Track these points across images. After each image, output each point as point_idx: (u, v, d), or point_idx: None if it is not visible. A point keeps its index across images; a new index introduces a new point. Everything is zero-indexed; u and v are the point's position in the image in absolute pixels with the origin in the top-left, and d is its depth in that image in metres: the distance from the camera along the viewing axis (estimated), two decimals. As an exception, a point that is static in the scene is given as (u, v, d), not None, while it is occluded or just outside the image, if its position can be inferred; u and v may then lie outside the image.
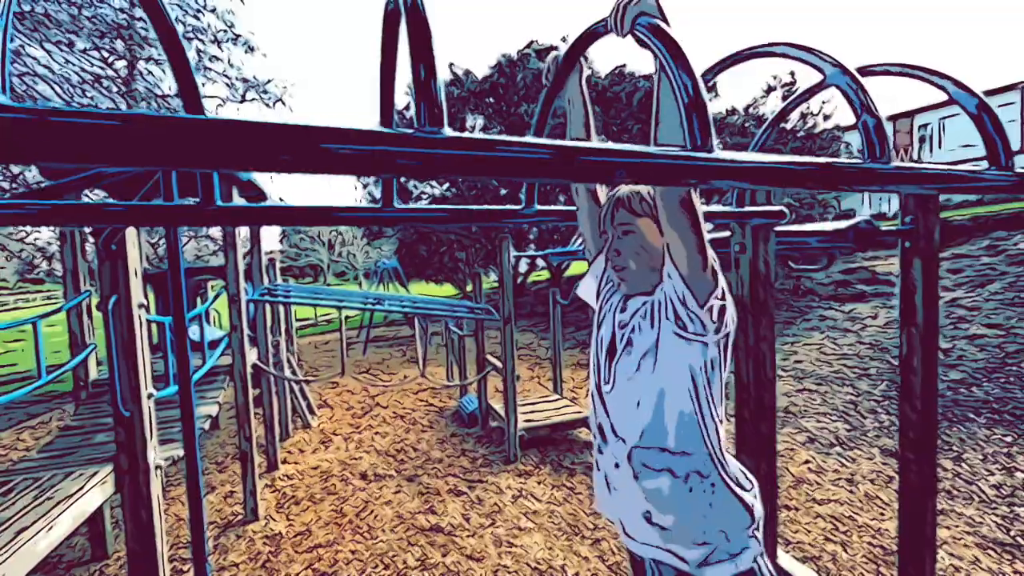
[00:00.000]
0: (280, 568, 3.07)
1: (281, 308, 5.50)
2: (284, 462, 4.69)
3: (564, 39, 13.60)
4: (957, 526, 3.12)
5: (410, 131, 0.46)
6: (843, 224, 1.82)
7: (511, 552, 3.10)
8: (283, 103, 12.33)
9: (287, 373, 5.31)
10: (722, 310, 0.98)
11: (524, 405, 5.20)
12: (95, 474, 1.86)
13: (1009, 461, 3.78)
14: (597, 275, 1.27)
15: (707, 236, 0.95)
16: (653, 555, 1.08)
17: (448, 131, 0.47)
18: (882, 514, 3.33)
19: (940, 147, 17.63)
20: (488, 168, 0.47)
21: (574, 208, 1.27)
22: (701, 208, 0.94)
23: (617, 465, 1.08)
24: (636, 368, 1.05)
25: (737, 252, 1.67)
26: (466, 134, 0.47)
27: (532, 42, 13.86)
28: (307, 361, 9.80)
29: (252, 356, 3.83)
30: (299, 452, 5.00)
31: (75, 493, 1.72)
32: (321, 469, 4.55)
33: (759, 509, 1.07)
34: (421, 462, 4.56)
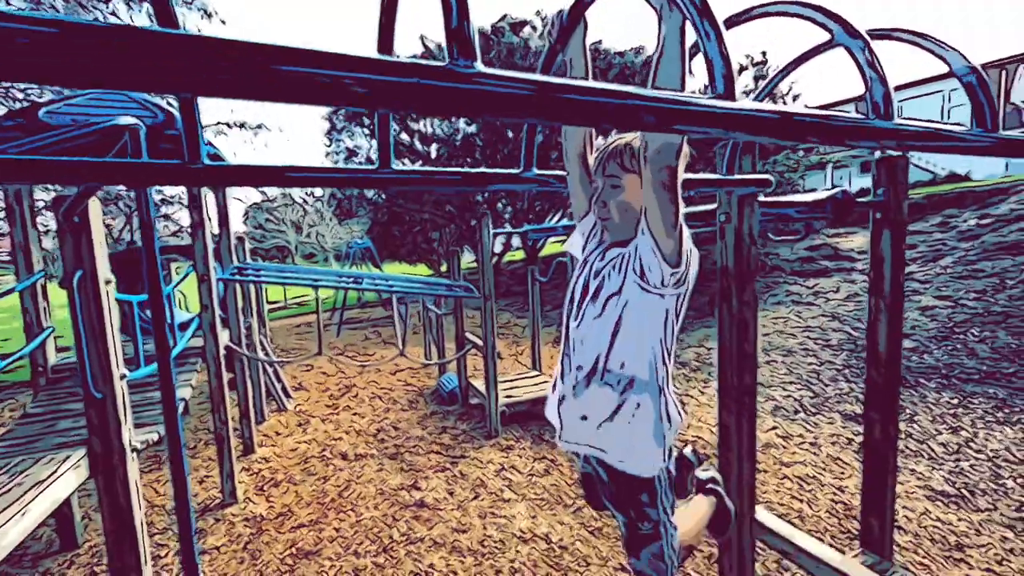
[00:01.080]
0: (263, 549, 3.04)
1: (252, 289, 5.31)
2: (261, 445, 4.60)
3: (539, 13, 13.30)
4: (909, 481, 3.37)
5: (441, 64, 0.44)
6: (822, 195, 1.87)
7: (496, 523, 3.16)
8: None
9: (260, 355, 5.16)
10: (685, 270, 1.11)
11: (504, 382, 5.24)
12: (67, 458, 1.77)
13: (955, 421, 4.08)
14: (584, 232, 1.37)
15: (682, 206, 1.02)
16: (585, 451, 1.31)
17: (480, 66, 0.45)
18: (843, 473, 3.55)
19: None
20: (524, 108, 0.45)
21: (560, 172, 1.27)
22: (682, 176, 1.02)
23: (575, 386, 1.24)
24: (601, 310, 1.19)
25: (723, 221, 1.70)
26: (500, 71, 0.45)
27: (505, 15, 13.49)
28: (279, 344, 9.56)
29: (224, 338, 3.69)
30: (276, 435, 4.91)
31: (47, 478, 1.63)
32: (300, 451, 4.49)
33: (671, 437, 1.27)
34: (402, 440, 4.56)
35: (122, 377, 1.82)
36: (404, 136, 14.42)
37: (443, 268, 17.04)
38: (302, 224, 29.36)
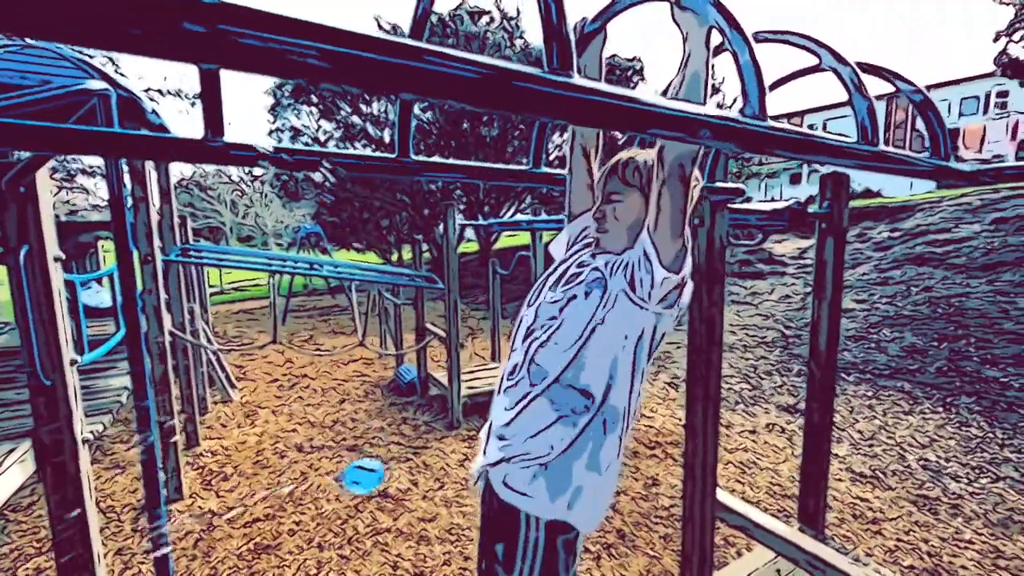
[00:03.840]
0: (216, 546, 2.90)
1: (195, 273, 4.97)
2: (206, 438, 4.34)
3: (498, 4, 13.19)
4: (833, 464, 3.75)
5: (539, 71, 0.47)
6: (780, 205, 2.05)
7: (462, 511, 3.20)
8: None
9: (203, 342, 4.85)
10: (680, 287, 1.01)
11: (464, 373, 5.26)
12: (11, 451, 1.61)
13: (870, 412, 4.59)
14: (572, 235, 1.31)
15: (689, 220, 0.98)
16: (487, 472, 1.16)
17: (578, 78, 0.48)
18: (778, 458, 3.90)
19: (825, 145, 19.93)
20: (616, 119, 0.50)
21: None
22: (696, 184, 1.03)
23: (511, 374, 1.12)
24: (565, 301, 1.08)
25: (696, 225, 1.83)
26: (593, 83, 0.49)
27: (463, 2, 13.25)
28: (218, 331, 8.99)
29: (167, 323, 3.45)
30: (221, 427, 4.66)
31: None
32: (249, 443, 4.29)
33: (589, 499, 1.06)
34: (361, 432, 4.47)
35: (72, 363, 1.68)
36: (356, 119, 13.90)
37: (394, 257, 16.66)
38: (239, 204, 27.51)
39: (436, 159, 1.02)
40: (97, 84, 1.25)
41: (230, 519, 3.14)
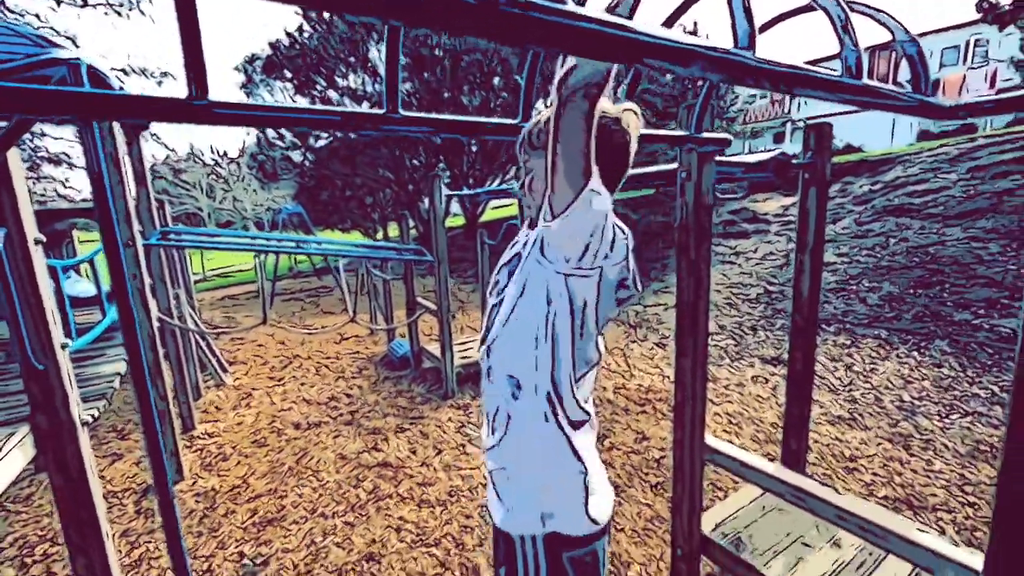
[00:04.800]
0: (221, 522, 2.96)
1: (177, 258, 4.86)
2: (202, 422, 4.36)
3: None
4: (813, 410, 3.92)
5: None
6: (765, 156, 2.07)
7: (461, 474, 3.30)
8: (141, 12, 10.11)
9: (192, 326, 4.80)
10: (581, 238, 0.85)
11: (457, 344, 5.31)
12: (11, 436, 1.61)
13: (849, 360, 4.77)
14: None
15: (593, 163, 0.80)
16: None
17: (571, 4, 0.48)
18: (761, 408, 4.06)
19: (806, 103, 19.91)
20: (605, 48, 0.50)
21: None
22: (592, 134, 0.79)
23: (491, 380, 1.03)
24: (503, 292, 1.00)
25: (684, 179, 1.84)
26: (586, 10, 0.49)
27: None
28: (205, 317, 8.88)
29: (153, 309, 3.40)
30: (216, 410, 4.66)
31: None
32: (246, 424, 4.32)
33: (571, 497, 0.95)
34: (357, 406, 4.52)
35: (63, 347, 1.66)
36: (332, 94, 13.43)
37: (379, 235, 16.43)
38: (215, 188, 26.70)
39: (425, 114, 1.01)
40: (66, 53, 1.19)
41: (232, 497, 3.20)
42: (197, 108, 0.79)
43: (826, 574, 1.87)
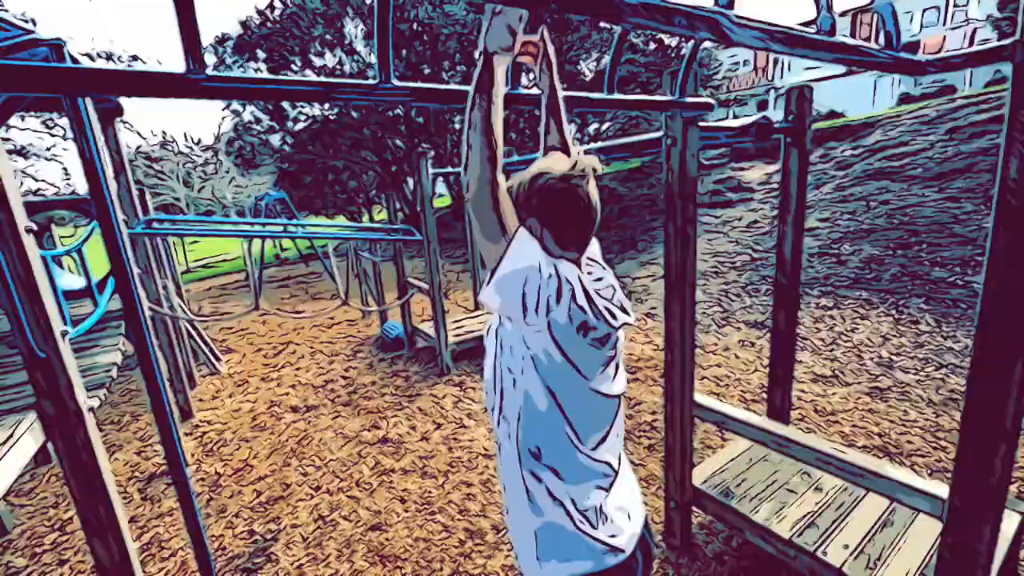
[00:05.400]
0: (228, 504, 3.02)
1: (162, 248, 4.79)
2: (199, 411, 4.39)
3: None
4: (797, 369, 4.07)
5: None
6: (747, 121, 2.11)
7: (460, 446, 3.40)
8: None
9: (183, 315, 4.77)
10: (531, 298, 0.84)
11: (451, 322, 5.36)
12: (19, 422, 1.63)
13: (831, 321, 4.92)
14: None
15: (511, 232, 0.84)
16: None
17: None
18: (747, 370, 4.20)
19: (789, 70, 19.84)
20: (588, 4, 0.53)
21: (568, 93, 1.27)
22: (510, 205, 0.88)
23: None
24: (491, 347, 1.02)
25: (669, 145, 1.88)
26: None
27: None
28: (194, 308, 8.79)
29: (143, 299, 3.38)
30: (212, 399, 4.69)
31: (6, 441, 1.50)
32: (244, 410, 4.36)
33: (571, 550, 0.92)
34: (354, 388, 4.58)
35: (64, 334, 1.67)
36: (309, 74, 13.04)
37: (364, 219, 16.25)
38: (192, 177, 25.98)
39: (418, 84, 1.03)
40: (47, 34, 1.17)
41: (236, 479, 3.26)
42: (195, 82, 0.80)
43: (809, 514, 1.99)
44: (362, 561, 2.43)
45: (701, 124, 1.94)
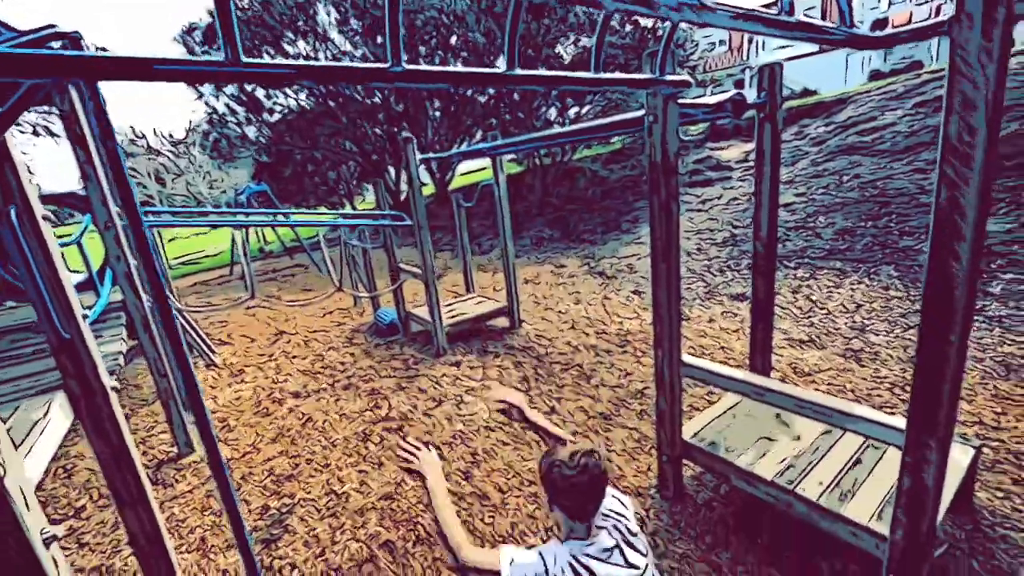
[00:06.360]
0: (240, 484, 3.12)
1: (151, 240, 4.78)
2: (200, 399, 4.44)
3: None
4: (776, 336, 4.30)
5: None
6: (723, 97, 2.25)
7: (462, 420, 3.54)
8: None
9: (178, 306, 4.79)
10: None
11: (444, 305, 5.47)
12: (51, 401, 1.71)
13: (808, 291, 5.17)
14: None
15: None
16: None
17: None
18: (730, 339, 4.42)
19: (764, 49, 20.08)
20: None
21: (556, 73, 1.40)
22: None
23: None
24: None
25: (651, 122, 2.01)
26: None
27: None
28: (183, 303, 8.72)
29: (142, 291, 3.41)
30: (211, 388, 4.74)
31: (39, 420, 1.58)
32: (244, 397, 4.43)
33: None
34: (353, 372, 4.68)
35: (84, 317, 1.75)
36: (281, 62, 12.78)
37: (346, 210, 16.09)
38: (164, 174, 25.31)
39: (427, 67, 1.13)
40: (66, 27, 1.23)
41: (245, 461, 3.36)
42: (234, 71, 0.90)
43: (788, 458, 2.19)
44: (376, 527, 2.57)
45: (680, 101, 2.06)
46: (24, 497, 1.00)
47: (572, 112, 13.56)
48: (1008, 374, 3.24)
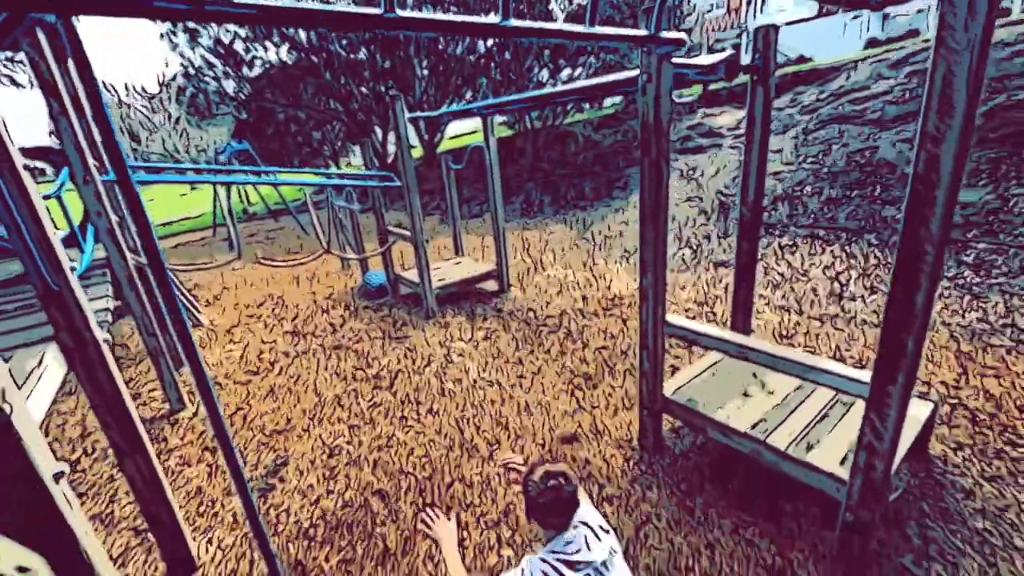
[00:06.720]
0: (233, 439, 3.20)
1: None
2: (189, 358, 4.46)
3: None
4: (759, 301, 4.43)
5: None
6: (717, 58, 2.23)
7: (452, 378, 3.63)
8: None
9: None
10: None
11: (433, 268, 5.48)
12: (44, 352, 1.72)
13: (791, 258, 5.28)
14: None
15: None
16: None
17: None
18: (716, 303, 4.53)
19: (762, 11, 19.56)
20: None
21: (550, 25, 1.37)
22: None
23: None
24: None
25: (645, 81, 2.00)
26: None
27: None
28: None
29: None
30: (201, 348, 4.75)
31: (34, 370, 1.60)
32: (233, 357, 4.46)
33: None
34: (343, 333, 4.72)
35: (72, 269, 1.74)
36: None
37: (332, 171, 15.71)
38: (138, 131, 24.23)
39: (421, 14, 1.12)
40: None
41: (237, 418, 3.43)
42: (199, 9, 0.88)
43: (762, 412, 2.32)
44: (370, 476, 2.67)
45: (674, 61, 2.05)
46: (32, 435, 1.03)
47: (564, 74, 13.21)
48: (972, 338, 3.41)
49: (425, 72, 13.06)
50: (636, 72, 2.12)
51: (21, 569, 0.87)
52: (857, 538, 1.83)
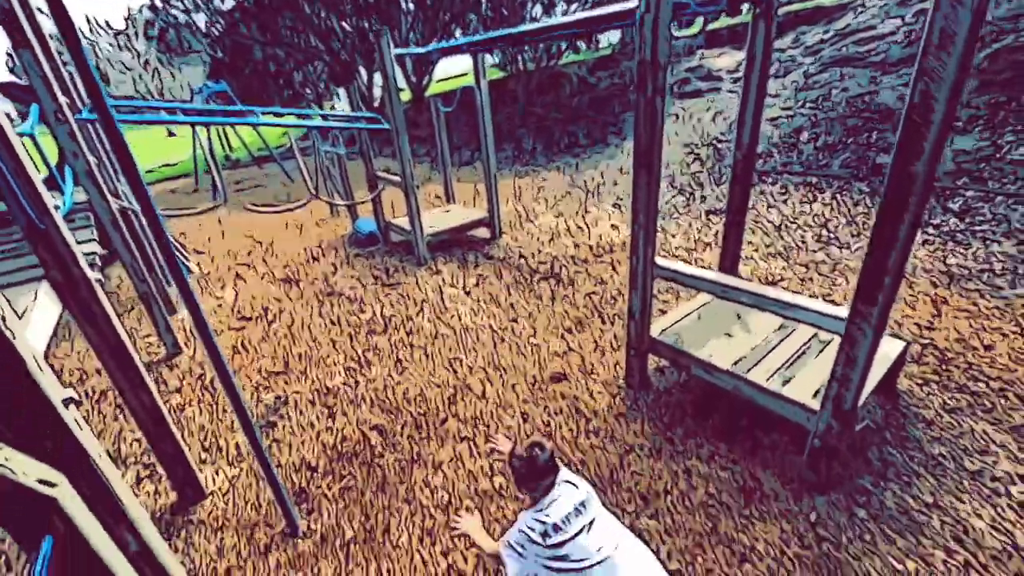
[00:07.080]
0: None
1: (108, 140, 4.46)
2: (182, 306, 4.47)
3: None
4: (746, 249, 4.48)
5: None
6: (718, -13, 2.13)
7: (444, 322, 3.70)
8: None
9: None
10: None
11: (424, 216, 5.42)
12: (37, 289, 1.73)
13: (782, 206, 5.29)
14: None
15: None
16: None
17: None
18: (706, 250, 4.58)
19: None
20: None
21: None
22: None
23: None
24: None
25: (643, 12, 1.91)
26: None
27: None
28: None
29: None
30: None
31: (30, 306, 1.61)
32: (227, 303, 4.48)
33: None
34: (335, 280, 4.73)
35: (56, 208, 1.72)
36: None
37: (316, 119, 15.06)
38: (109, 68, 22.82)
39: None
40: None
41: (235, 361, 3.50)
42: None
43: (743, 351, 2.42)
44: (367, 413, 2.79)
45: (674, -11, 1.96)
46: (36, 361, 1.06)
47: (559, 9, 12.50)
48: (950, 283, 3.52)
49: (411, 7, 12.26)
50: (634, 3, 2.03)
51: (43, 482, 0.93)
52: (823, 461, 1.98)
